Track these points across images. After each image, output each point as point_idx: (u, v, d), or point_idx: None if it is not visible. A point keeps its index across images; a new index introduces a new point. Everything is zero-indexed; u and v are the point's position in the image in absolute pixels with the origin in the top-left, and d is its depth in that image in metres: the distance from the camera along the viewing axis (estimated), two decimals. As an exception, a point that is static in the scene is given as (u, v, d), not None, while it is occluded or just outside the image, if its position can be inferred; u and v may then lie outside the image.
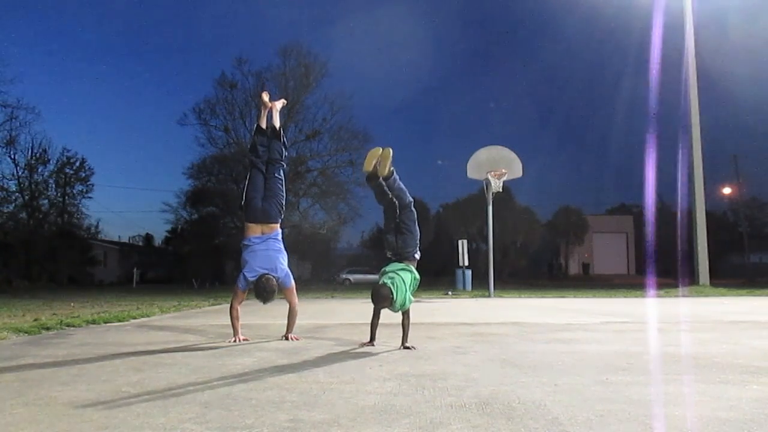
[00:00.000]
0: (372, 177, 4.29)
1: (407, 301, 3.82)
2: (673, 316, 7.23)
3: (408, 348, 3.88)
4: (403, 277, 3.84)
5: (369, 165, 4.27)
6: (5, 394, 2.54)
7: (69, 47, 70.06)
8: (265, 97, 4.96)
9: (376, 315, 4.07)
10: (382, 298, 3.74)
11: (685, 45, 17.59)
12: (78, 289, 22.16)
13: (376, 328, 4.10)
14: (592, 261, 43.20)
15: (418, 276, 4.04)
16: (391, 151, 4.30)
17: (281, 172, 4.76)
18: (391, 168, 4.32)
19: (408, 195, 4.30)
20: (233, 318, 4.50)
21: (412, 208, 4.26)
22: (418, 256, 4.13)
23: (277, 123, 4.89)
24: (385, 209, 4.28)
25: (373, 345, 4.04)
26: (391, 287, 3.73)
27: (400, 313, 3.91)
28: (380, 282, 3.83)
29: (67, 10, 68.51)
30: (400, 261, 4.03)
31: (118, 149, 77.24)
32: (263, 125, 4.82)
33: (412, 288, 3.93)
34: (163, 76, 74.44)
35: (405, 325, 3.96)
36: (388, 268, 3.95)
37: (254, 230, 4.52)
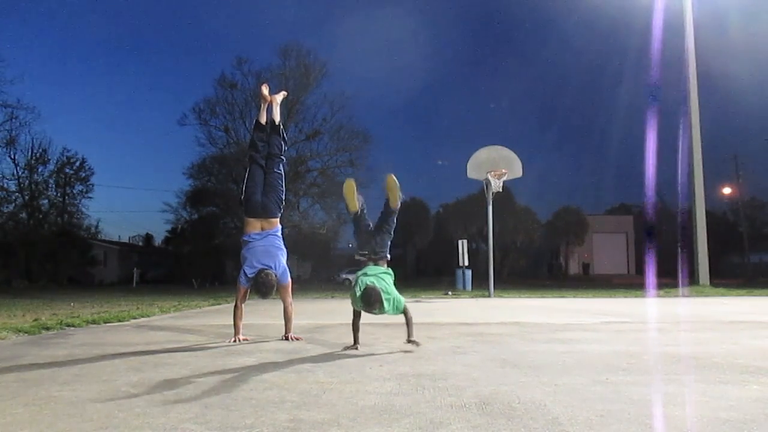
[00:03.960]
0: (358, 214, 4.19)
1: (401, 302, 3.79)
2: (673, 316, 7.23)
3: (412, 342, 3.84)
4: (385, 279, 3.83)
5: (353, 203, 4.15)
6: (5, 394, 2.54)
7: (69, 47, 70.18)
8: (265, 90, 4.92)
9: (357, 316, 3.96)
10: (375, 300, 3.64)
11: (685, 45, 17.58)
12: (78, 290, 22.15)
13: (359, 331, 4.00)
14: (592, 261, 43.18)
15: (393, 277, 4.00)
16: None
17: (281, 166, 4.75)
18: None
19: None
20: (236, 317, 4.49)
21: (395, 218, 4.21)
22: (389, 256, 4.11)
23: (277, 117, 4.84)
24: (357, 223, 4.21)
25: (356, 348, 3.91)
26: (380, 288, 3.68)
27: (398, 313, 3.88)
28: (360, 286, 3.73)
29: (67, 11, 68.57)
30: (375, 262, 3.98)
31: (118, 149, 77.49)
32: (262, 120, 4.79)
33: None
34: (163, 76, 74.61)
35: (408, 320, 3.92)
36: (368, 271, 3.86)
37: (254, 225, 4.52)
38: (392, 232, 4.16)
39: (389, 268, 4.02)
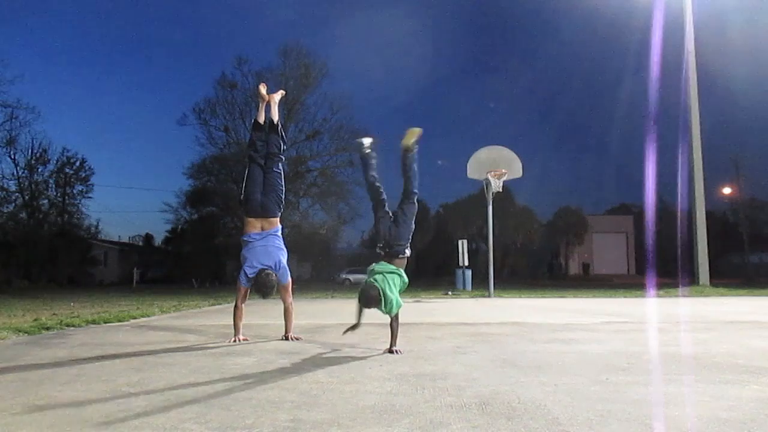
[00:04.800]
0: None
1: (395, 305, 3.62)
2: (673, 316, 7.23)
3: (393, 352, 3.67)
4: (392, 280, 3.65)
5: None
6: (5, 394, 2.54)
7: (69, 47, 70.24)
8: (263, 89, 4.92)
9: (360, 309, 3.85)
10: (370, 299, 3.57)
11: (685, 45, 17.58)
12: (78, 289, 22.16)
13: (360, 316, 3.90)
14: (592, 261, 43.19)
15: (406, 279, 3.80)
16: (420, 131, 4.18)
17: (280, 166, 4.75)
18: (415, 146, 4.15)
19: (417, 184, 4.07)
20: (236, 317, 4.49)
21: (415, 201, 4.00)
22: (408, 253, 3.85)
23: (275, 116, 4.84)
24: (374, 198, 4.07)
25: (357, 327, 3.90)
26: (380, 288, 3.56)
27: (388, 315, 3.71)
28: (368, 281, 3.63)
29: (67, 11, 68.61)
30: (389, 259, 3.78)
31: (118, 149, 77.49)
32: (261, 120, 4.79)
33: (400, 290, 3.72)
34: (163, 76, 74.63)
35: (393, 328, 3.72)
36: (377, 267, 3.71)
37: (254, 225, 4.52)
38: (410, 225, 3.89)
39: (401, 269, 3.78)
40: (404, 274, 3.80)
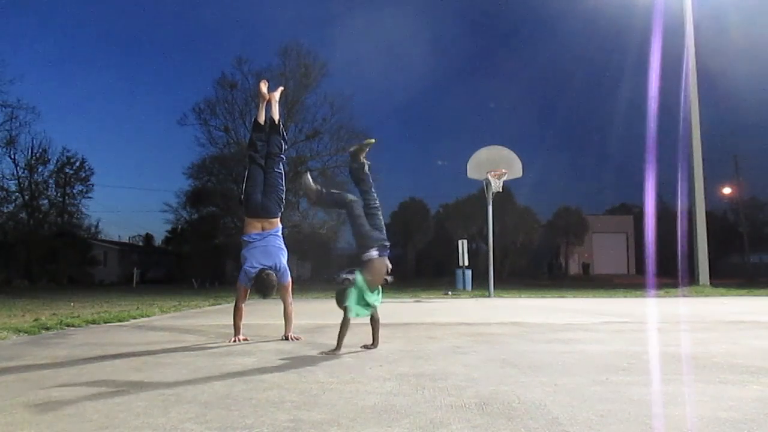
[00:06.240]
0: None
1: (349, 309, 3.68)
2: (673, 316, 7.23)
3: (367, 348, 3.83)
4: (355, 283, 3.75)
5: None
6: (5, 394, 2.54)
7: (69, 47, 70.24)
8: (263, 87, 4.91)
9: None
10: (336, 301, 3.81)
11: (685, 45, 17.58)
12: (78, 289, 22.15)
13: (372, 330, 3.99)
14: (592, 261, 43.21)
15: (359, 278, 3.72)
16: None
17: (280, 166, 4.74)
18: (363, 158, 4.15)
19: (360, 193, 4.07)
20: (236, 317, 4.49)
21: (356, 210, 3.92)
22: (365, 257, 3.79)
23: (276, 115, 4.83)
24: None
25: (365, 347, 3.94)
26: (344, 291, 3.74)
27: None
28: None
29: (67, 10, 68.60)
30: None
31: (118, 149, 77.55)
32: (261, 120, 4.77)
33: (363, 293, 3.70)
34: (163, 76, 74.67)
35: (341, 327, 3.77)
36: None
37: (254, 226, 4.51)
38: (359, 230, 3.85)
39: (358, 272, 3.79)
40: (358, 275, 3.76)
